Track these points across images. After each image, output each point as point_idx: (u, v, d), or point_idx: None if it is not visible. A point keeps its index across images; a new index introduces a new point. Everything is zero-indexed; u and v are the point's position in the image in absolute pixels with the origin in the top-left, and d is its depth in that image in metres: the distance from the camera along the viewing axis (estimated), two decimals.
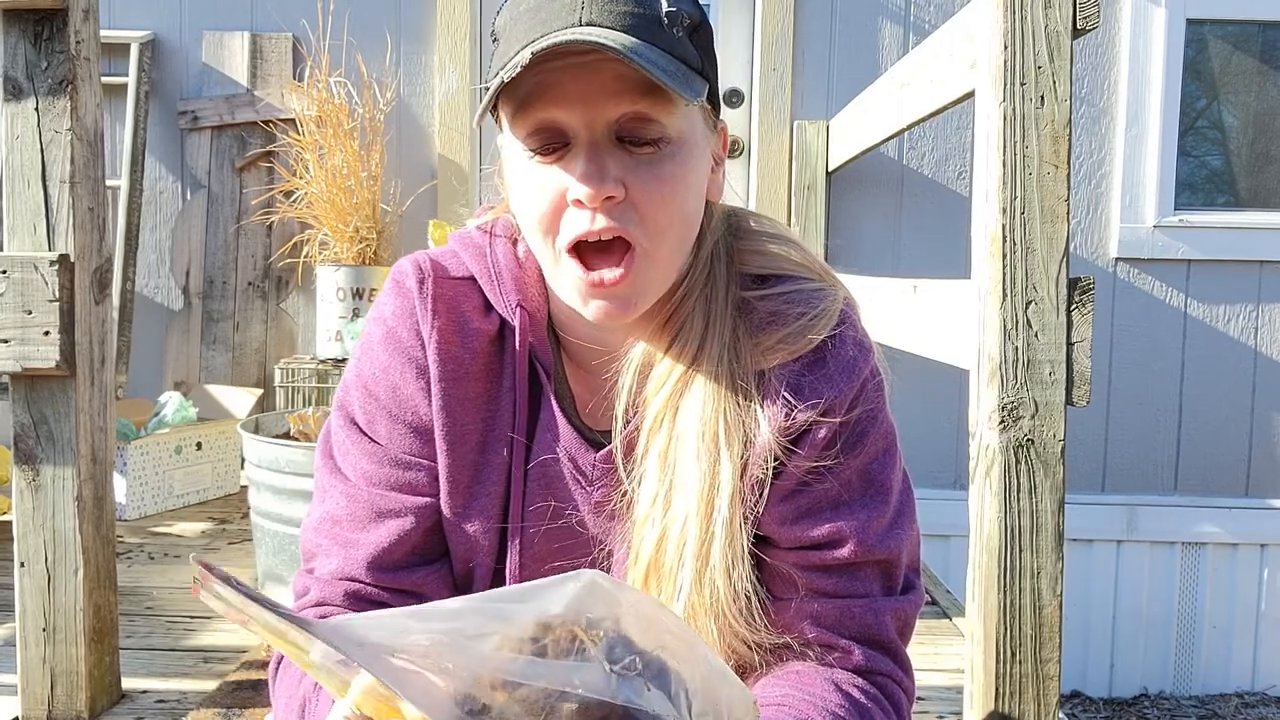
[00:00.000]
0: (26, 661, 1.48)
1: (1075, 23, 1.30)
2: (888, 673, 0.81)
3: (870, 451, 0.80)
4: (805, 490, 0.79)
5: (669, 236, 0.75)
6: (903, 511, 0.83)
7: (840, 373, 0.78)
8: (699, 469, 0.75)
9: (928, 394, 3.18)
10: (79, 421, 1.45)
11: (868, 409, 0.79)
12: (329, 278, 2.94)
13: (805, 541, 0.79)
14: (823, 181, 3.10)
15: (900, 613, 0.82)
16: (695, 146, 0.76)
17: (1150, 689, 3.25)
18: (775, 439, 0.76)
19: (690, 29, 0.74)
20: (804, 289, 0.81)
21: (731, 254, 0.82)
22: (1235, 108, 3.30)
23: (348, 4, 3.14)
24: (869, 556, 0.79)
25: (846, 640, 0.80)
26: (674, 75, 0.70)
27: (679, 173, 0.74)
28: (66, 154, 1.43)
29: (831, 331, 0.78)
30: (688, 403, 0.77)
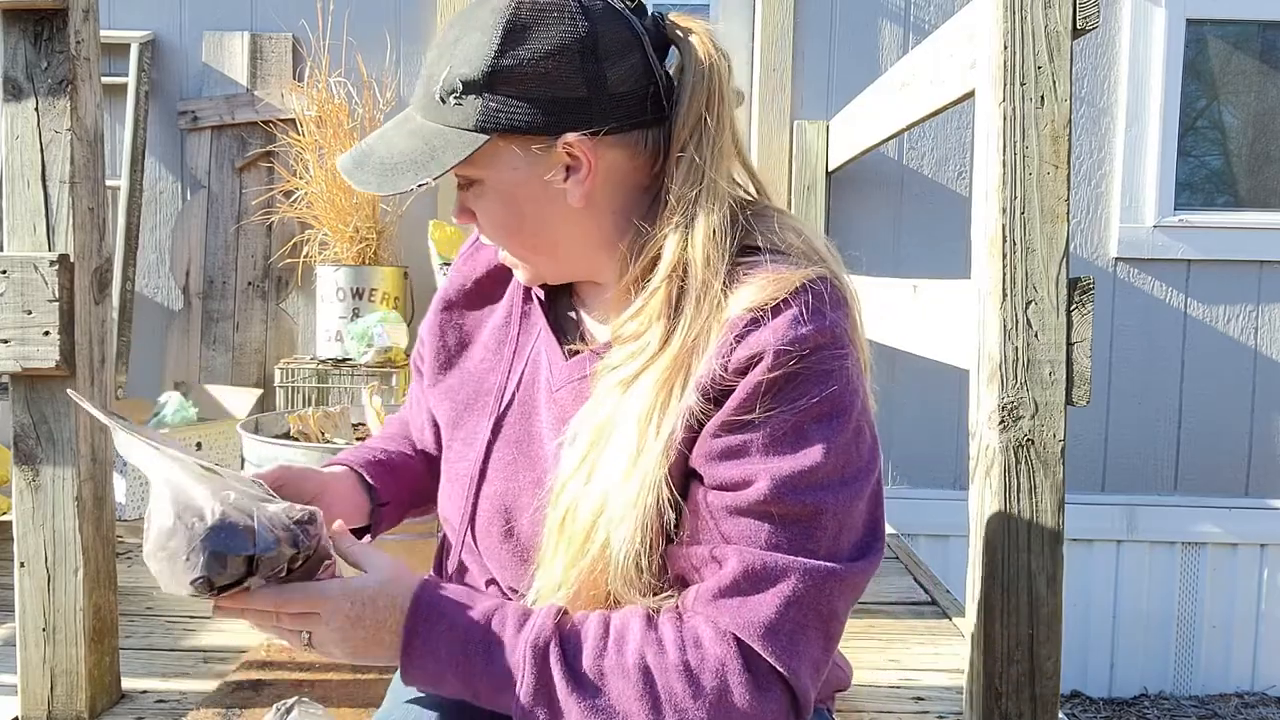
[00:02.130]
0: (26, 661, 1.48)
1: (1075, 23, 1.30)
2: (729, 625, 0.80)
3: (808, 410, 0.81)
4: (733, 432, 0.81)
5: (517, 245, 0.93)
6: (843, 481, 0.82)
7: (785, 326, 0.81)
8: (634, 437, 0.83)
9: (928, 394, 3.18)
10: (79, 421, 1.45)
11: (814, 369, 0.81)
12: (329, 278, 2.94)
13: (722, 480, 0.82)
14: (823, 182, 3.10)
15: (799, 573, 0.80)
16: (505, 181, 0.89)
17: (1150, 689, 3.25)
18: (711, 381, 0.82)
19: (477, 88, 0.86)
20: (788, 261, 0.86)
21: (738, 227, 0.89)
22: (1235, 108, 3.30)
23: (347, 4, 3.14)
24: (782, 506, 0.80)
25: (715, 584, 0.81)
26: (400, 171, 0.87)
27: (493, 207, 0.91)
28: (66, 154, 1.43)
29: (788, 292, 0.82)
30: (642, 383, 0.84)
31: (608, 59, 0.85)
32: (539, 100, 0.85)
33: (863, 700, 1.60)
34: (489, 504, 0.97)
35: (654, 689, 0.80)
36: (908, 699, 1.61)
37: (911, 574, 2.24)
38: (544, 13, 0.85)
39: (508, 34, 0.84)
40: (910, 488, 3.25)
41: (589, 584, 0.84)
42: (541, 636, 0.82)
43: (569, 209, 0.89)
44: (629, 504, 0.82)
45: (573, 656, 0.81)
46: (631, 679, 0.80)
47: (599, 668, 0.81)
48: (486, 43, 0.85)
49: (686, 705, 0.79)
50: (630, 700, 0.80)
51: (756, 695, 0.79)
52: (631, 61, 0.87)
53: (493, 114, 0.85)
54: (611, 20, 0.86)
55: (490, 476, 0.97)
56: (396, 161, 0.88)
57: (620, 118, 0.87)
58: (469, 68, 0.85)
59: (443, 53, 0.88)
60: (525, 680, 0.81)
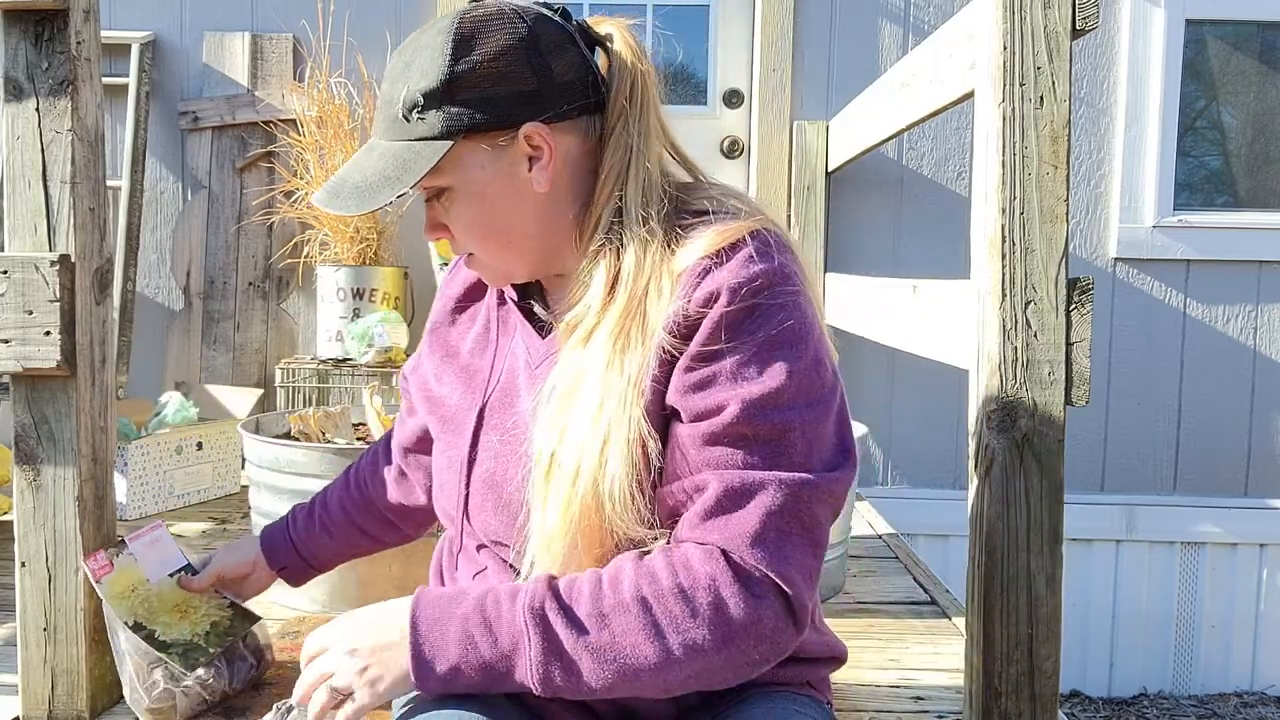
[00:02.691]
0: (27, 661, 1.48)
1: (1074, 23, 1.30)
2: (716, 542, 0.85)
3: (769, 340, 0.87)
4: (701, 364, 0.88)
5: (491, 243, 0.98)
6: (808, 403, 0.87)
7: (735, 266, 0.88)
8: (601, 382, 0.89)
9: (928, 394, 3.18)
10: (80, 421, 1.45)
11: (770, 303, 0.88)
12: (329, 278, 2.94)
13: (696, 411, 0.88)
14: (822, 182, 3.10)
15: (776, 486, 0.85)
16: (474, 182, 0.95)
17: (1149, 689, 3.25)
18: (673, 328, 0.88)
19: (437, 97, 0.92)
20: (730, 217, 0.93)
21: (673, 199, 0.97)
22: (1234, 108, 3.30)
23: (348, 5, 3.14)
24: (752, 427, 0.86)
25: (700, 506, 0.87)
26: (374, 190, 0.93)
27: (465, 211, 0.97)
28: (67, 154, 1.43)
29: (738, 238, 0.90)
30: (599, 333, 0.92)
31: (549, 53, 0.94)
32: (495, 98, 0.93)
33: (863, 700, 1.60)
34: (481, 483, 1.02)
35: (653, 616, 0.84)
36: (907, 699, 1.61)
37: (911, 574, 2.24)
38: (486, 22, 0.94)
39: (457, 45, 0.93)
40: (910, 488, 3.25)
41: (586, 528, 0.89)
42: (535, 598, 0.87)
43: (536, 199, 0.96)
44: (605, 441, 0.87)
45: (571, 607, 0.86)
46: (632, 612, 0.84)
47: (598, 610, 0.85)
48: (439, 57, 0.93)
49: (687, 625, 0.84)
50: (635, 632, 0.84)
51: (751, 603, 0.84)
52: (569, 54, 0.95)
53: (455, 118, 0.93)
54: (544, 22, 0.95)
55: (480, 458, 1.02)
56: (370, 182, 0.94)
57: (569, 104, 0.95)
58: (426, 81, 0.93)
59: (396, 79, 0.96)
60: (532, 642, 0.85)
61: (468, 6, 0.96)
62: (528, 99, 0.93)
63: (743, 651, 0.85)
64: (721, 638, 0.84)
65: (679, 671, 0.85)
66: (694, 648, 0.84)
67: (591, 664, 0.84)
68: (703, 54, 3.29)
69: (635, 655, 0.84)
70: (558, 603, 0.86)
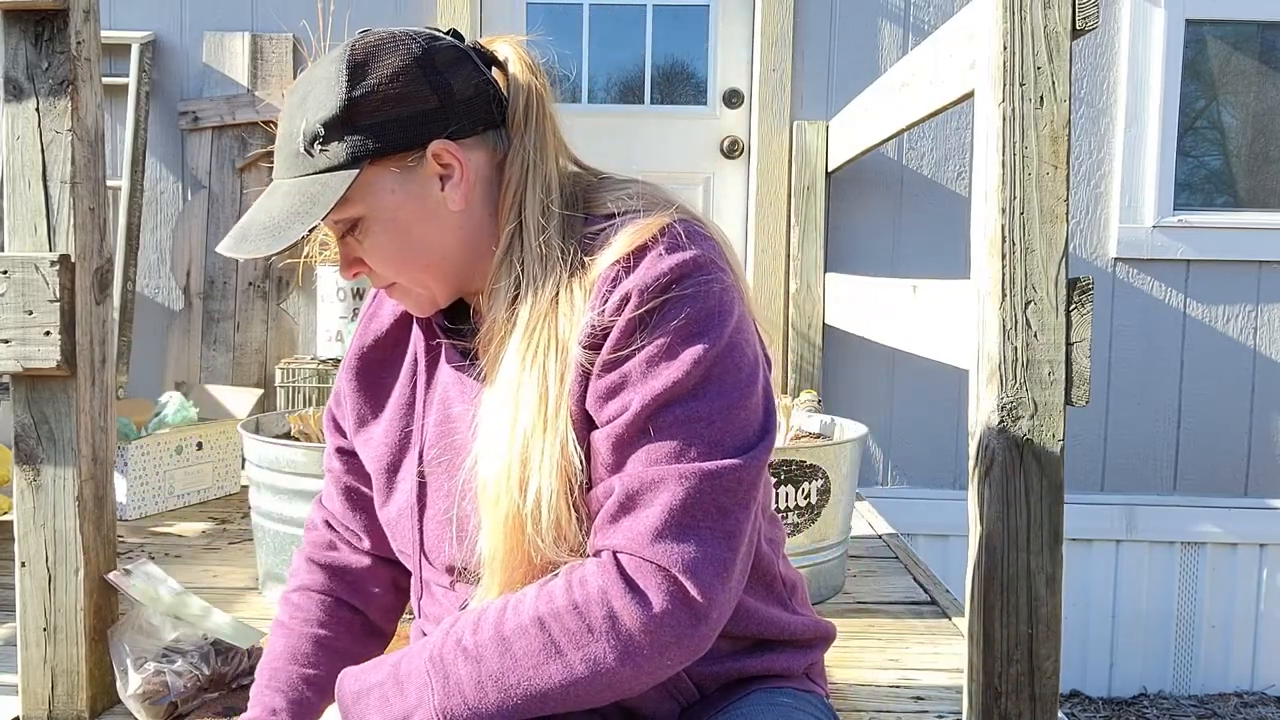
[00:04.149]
0: (27, 661, 1.48)
1: (1074, 23, 1.30)
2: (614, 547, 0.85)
3: (676, 331, 0.86)
4: (611, 370, 0.87)
5: (411, 268, 0.96)
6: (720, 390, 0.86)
7: (646, 265, 0.87)
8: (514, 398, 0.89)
9: (928, 394, 3.18)
10: (80, 421, 1.45)
11: (678, 296, 0.86)
12: (329, 278, 2.94)
13: (607, 417, 0.87)
14: (822, 182, 3.10)
15: (679, 479, 0.83)
16: (386, 207, 0.93)
17: (1149, 689, 3.25)
18: (587, 342, 0.87)
19: (337, 125, 0.90)
20: (638, 216, 0.92)
21: (579, 204, 0.96)
22: (1234, 108, 3.30)
23: (348, 5, 3.14)
24: (655, 422, 0.85)
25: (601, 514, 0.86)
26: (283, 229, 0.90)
27: (381, 240, 0.94)
28: (67, 154, 1.43)
29: (647, 238, 0.89)
30: (507, 351, 0.91)
31: (446, 70, 0.93)
32: (398, 120, 0.91)
33: (862, 700, 1.60)
34: (434, 524, 1.00)
35: (551, 635, 0.83)
36: (907, 699, 1.61)
37: (911, 574, 2.24)
38: (379, 46, 0.93)
39: (353, 71, 0.91)
40: (910, 488, 3.25)
41: (512, 548, 0.88)
42: (437, 644, 0.87)
43: (451, 217, 0.95)
44: (524, 461, 0.87)
45: (472, 636, 0.86)
46: (530, 634, 0.84)
47: (500, 634, 0.85)
48: (334, 85, 0.91)
49: (585, 640, 0.83)
50: (536, 653, 0.83)
51: (645, 611, 0.82)
52: (466, 71, 0.94)
53: (359, 145, 0.91)
54: (436, 41, 0.95)
55: (430, 499, 1.00)
56: (277, 221, 0.91)
57: (473, 119, 0.94)
58: (325, 111, 0.91)
59: (293, 113, 0.94)
60: (434, 689, 0.85)
61: (356, 35, 0.95)
62: (430, 117, 0.92)
63: (649, 659, 0.83)
64: (622, 650, 0.82)
65: (587, 688, 0.84)
66: (595, 663, 0.83)
67: (497, 694, 0.84)
68: (703, 54, 3.29)
69: (539, 677, 0.83)
70: (459, 641, 0.86)
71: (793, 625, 1.02)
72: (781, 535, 1.09)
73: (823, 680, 1.08)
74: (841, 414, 2.35)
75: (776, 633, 1.01)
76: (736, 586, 0.88)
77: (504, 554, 0.89)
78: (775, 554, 1.05)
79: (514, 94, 0.97)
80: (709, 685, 0.98)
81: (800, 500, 1.91)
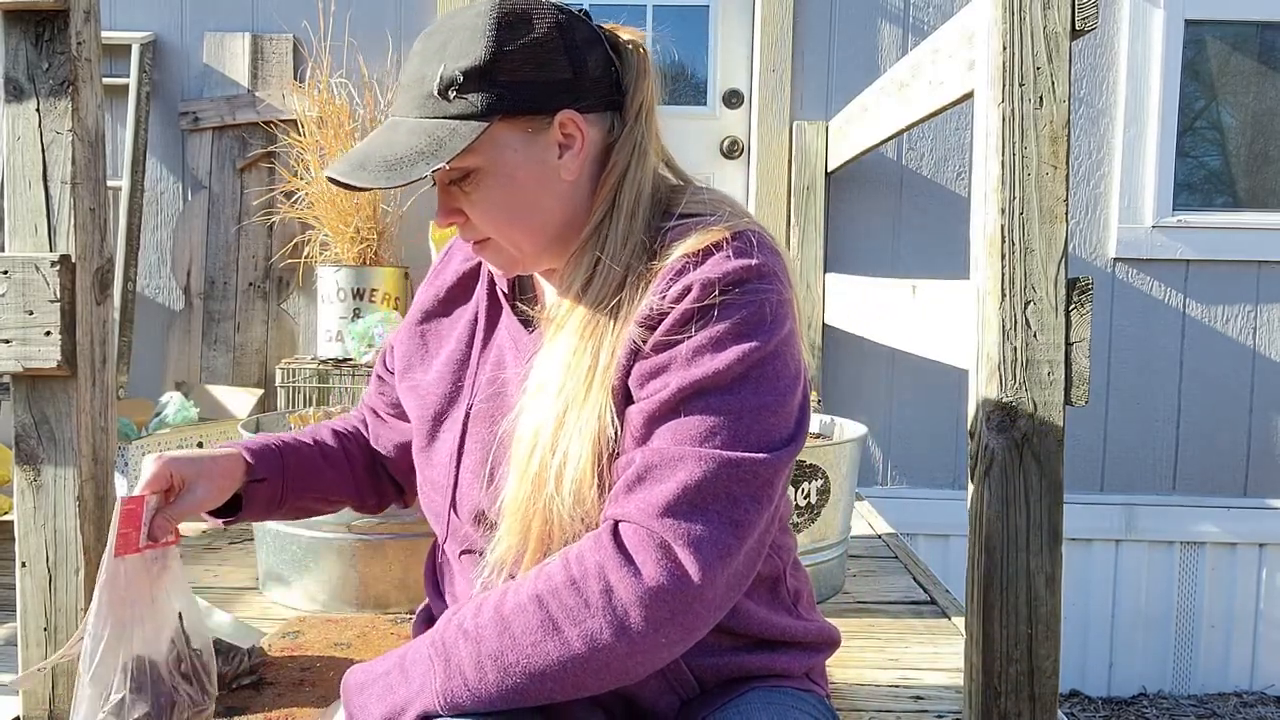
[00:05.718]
0: (28, 661, 1.48)
1: (1074, 24, 1.30)
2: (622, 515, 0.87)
3: (727, 329, 0.89)
4: (659, 352, 0.91)
5: (509, 233, 0.98)
6: (755, 391, 0.89)
7: (713, 264, 0.91)
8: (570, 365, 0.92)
9: (927, 394, 3.18)
10: (80, 421, 1.45)
11: (737, 300, 0.90)
12: (330, 278, 2.94)
13: (644, 393, 0.91)
14: (822, 182, 3.10)
15: (698, 461, 0.86)
16: (505, 164, 0.96)
17: (1149, 688, 3.25)
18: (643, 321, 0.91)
19: (477, 76, 0.93)
20: (712, 219, 0.96)
21: (658, 202, 1.00)
22: (1234, 108, 3.30)
23: (348, 5, 3.14)
24: (688, 405, 0.88)
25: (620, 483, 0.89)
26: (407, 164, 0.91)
27: (490, 195, 0.97)
28: (68, 154, 1.43)
29: (719, 239, 0.92)
30: (571, 316, 0.95)
31: (583, 46, 0.97)
32: (534, 83, 0.94)
33: (862, 700, 1.60)
34: (469, 473, 1.03)
35: (549, 612, 0.85)
36: (907, 698, 1.61)
37: (911, 574, 2.25)
38: (527, 10, 0.96)
39: (500, 28, 0.94)
40: (910, 488, 3.25)
41: (536, 504, 0.91)
42: (440, 631, 0.89)
43: (560, 186, 0.98)
44: (560, 423, 0.90)
45: (473, 619, 0.88)
46: (529, 611, 0.85)
47: (500, 614, 0.86)
48: (481, 38, 0.93)
49: (582, 615, 0.84)
50: (534, 630, 0.85)
51: (640, 584, 0.84)
52: (599, 52, 0.98)
53: (495, 99, 0.93)
54: (577, 18, 0.98)
55: (468, 448, 1.04)
56: (401, 156, 0.93)
57: (598, 98, 0.98)
58: (467, 60, 0.93)
59: (429, 58, 0.95)
60: (435, 671, 0.87)
61: None
62: (563, 87, 0.96)
63: (643, 635, 0.84)
64: (618, 625, 0.83)
65: (584, 667, 0.84)
66: (592, 639, 0.84)
67: (496, 674, 0.85)
68: (703, 54, 3.29)
69: (537, 655, 0.84)
70: (460, 625, 0.88)
71: (796, 628, 1.03)
72: (792, 544, 1.10)
73: (823, 681, 1.09)
74: (841, 414, 2.35)
75: (779, 634, 1.02)
76: (738, 579, 0.89)
77: (524, 505, 0.91)
78: (784, 561, 1.06)
79: (634, 84, 1.01)
80: (709, 679, 0.99)
81: (800, 500, 1.91)
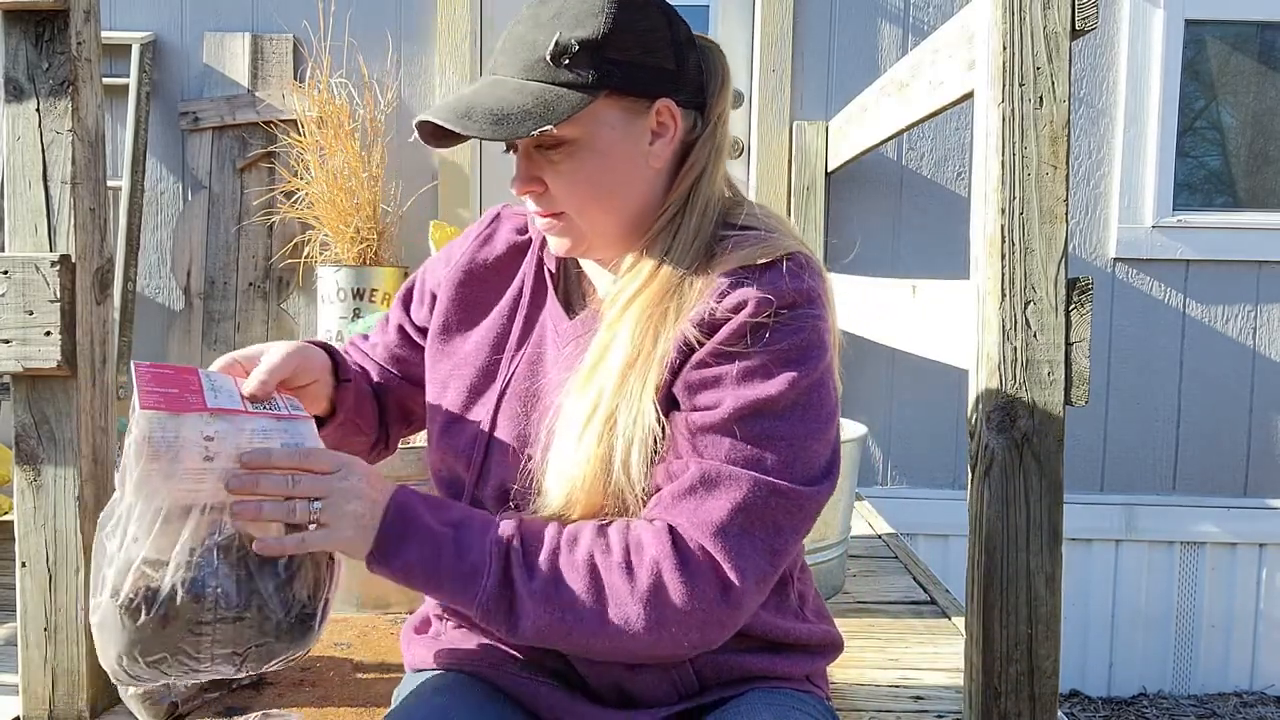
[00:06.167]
0: (28, 661, 1.48)
1: (1074, 24, 1.30)
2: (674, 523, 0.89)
3: (778, 353, 0.92)
4: (711, 365, 0.93)
5: (588, 209, 0.99)
6: (801, 418, 0.92)
7: (767, 282, 0.93)
8: (630, 346, 0.94)
9: (928, 394, 3.18)
10: (80, 421, 1.45)
11: (789, 322, 0.92)
12: (330, 278, 2.94)
13: (696, 404, 0.93)
14: (822, 182, 3.10)
15: (749, 485, 0.89)
16: (602, 140, 0.97)
17: (1149, 688, 3.25)
18: (696, 325, 0.93)
19: (591, 48, 0.94)
20: (770, 235, 0.98)
21: (718, 210, 1.02)
22: (1234, 108, 3.30)
23: (348, 5, 3.14)
24: (742, 427, 0.91)
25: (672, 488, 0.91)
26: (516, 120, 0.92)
27: (582, 167, 0.97)
28: (68, 154, 1.43)
29: (776, 258, 0.95)
30: (636, 302, 0.96)
31: (685, 45, 1.01)
32: (641, 66, 0.97)
33: (862, 700, 1.60)
34: (499, 448, 1.04)
35: (599, 583, 0.89)
36: (907, 698, 1.61)
37: (911, 574, 2.25)
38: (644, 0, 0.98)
39: (619, 7, 0.96)
40: (910, 488, 3.25)
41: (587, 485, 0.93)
42: (505, 536, 0.91)
43: (646, 172, 1.00)
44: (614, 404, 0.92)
45: (532, 555, 0.91)
46: (580, 574, 0.89)
47: (554, 564, 0.90)
48: (598, 13, 0.95)
49: (625, 599, 0.89)
50: (579, 593, 0.89)
51: (690, 592, 0.88)
52: (695, 54, 1.02)
53: (605, 74, 0.95)
54: (680, 17, 1.02)
55: (500, 424, 1.05)
56: (509, 112, 0.93)
57: (690, 95, 1.01)
58: (584, 31, 0.94)
59: (541, 24, 0.96)
60: (491, 574, 0.90)
61: None
62: (666, 77, 0.98)
63: (672, 636, 0.89)
64: (655, 620, 0.88)
65: (604, 639, 0.89)
66: (625, 622, 0.88)
67: (535, 611, 0.89)
68: None
69: (573, 614, 0.89)
70: (522, 546, 0.91)
71: (800, 631, 1.04)
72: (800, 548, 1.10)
73: (824, 684, 1.09)
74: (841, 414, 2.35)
75: (783, 636, 1.02)
76: (760, 600, 0.94)
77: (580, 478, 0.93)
78: (792, 566, 1.07)
79: (718, 90, 1.04)
80: (709, 677, 0.99)
81: None
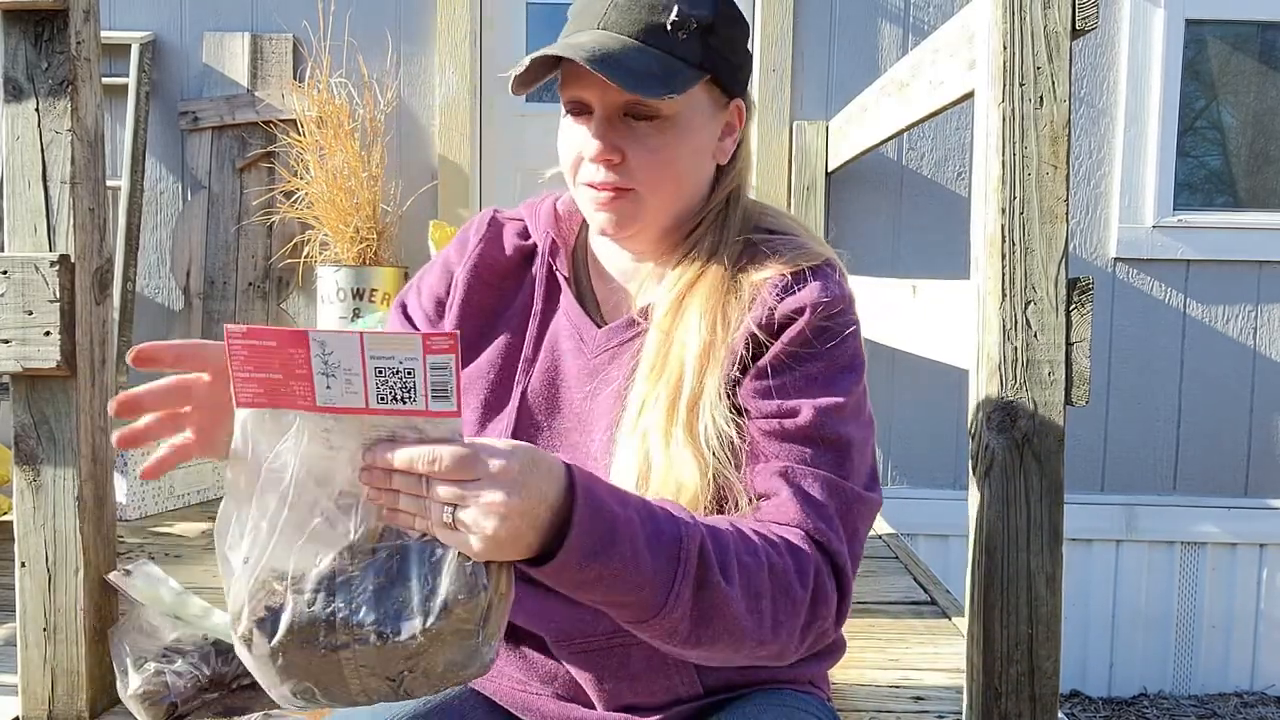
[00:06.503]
0: (27, 661, 1.48)
1: (1074, 23, 1.30)
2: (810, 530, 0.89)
3: (837, 357, 0.94)
4: (778, 372, 0.93)
5: (661, 188, 0.97)
6: (860, 423, 0.94)
7: (819, 286, 0.95)
8: (698, 339, 0.94)
9: (928, 394, 3.18)
10: (80, 422, 1.45)
11: (840, 328, 0.95)
12: (330, 278, 2.94)
13: (767, 411, 0.93)
14: (822, 182, 3.10)
15: (841, 490, 0.90)
16: (693, 122, 0.96)
17: (1149, 689, 3.25)
18: (758, 325, 0.93)
19: (702, 30, 0.94)
20: (802, 241, 1.00)
21: (749, 213, 1.04)
22: (1234, 108, 3.30)
23: (348, 5, 3.14)
24: (822, 432, 0.92)
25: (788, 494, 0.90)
26: (649, 81, 0.90)
27: (670, 144, 0.95)
28: (67, 154, 1.43)
29: (815, 264, 0.97)
30: (693, 297, 0.96)
31: (749, 56, 1.03)
32: (730, 60, 0.98)
33: (862, 700, 1.60)
34: None
35: (781, 581, 0.85)
36: (907, 698, 1.61)
37: (911, 574, 2.24)
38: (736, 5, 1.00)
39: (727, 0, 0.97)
40: (910, 488, 3.25)
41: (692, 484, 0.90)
42: (696, 527, 0.81)
43: (710, 166, 1.02)
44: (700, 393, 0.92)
45: (721, 549, 0.82)
46: (763, 575, 0.84)
47: (741, 562, 0.83)
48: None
49: (800, 597, 0.86)
50: (764, 588, 0.84)
51: (832, 590, 0.89)
52: (750, 64, 1.04)
53: (713, 56, 0.96)
54: None
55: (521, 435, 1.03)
56: (638, 71, 0.91)
57: (747, 100, 1.03)
58: (703, 10, 0.95)
59: None
60: (689, 565, 0.79)
61: None
62: (744, 78, 1.01)
63: (801, 638, 0.87)
64: (807, 619, 0.87)
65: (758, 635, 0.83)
66: (782, 616, 0.84)
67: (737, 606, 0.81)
68: None
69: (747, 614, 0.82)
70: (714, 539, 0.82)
71: None
72: None
73: (825, 685, 1.09)
74: None
75: None
76: None
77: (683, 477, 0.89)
78: None
79: (753, 100, 1.06)
80: (710, 678, 0.98)
81: None
